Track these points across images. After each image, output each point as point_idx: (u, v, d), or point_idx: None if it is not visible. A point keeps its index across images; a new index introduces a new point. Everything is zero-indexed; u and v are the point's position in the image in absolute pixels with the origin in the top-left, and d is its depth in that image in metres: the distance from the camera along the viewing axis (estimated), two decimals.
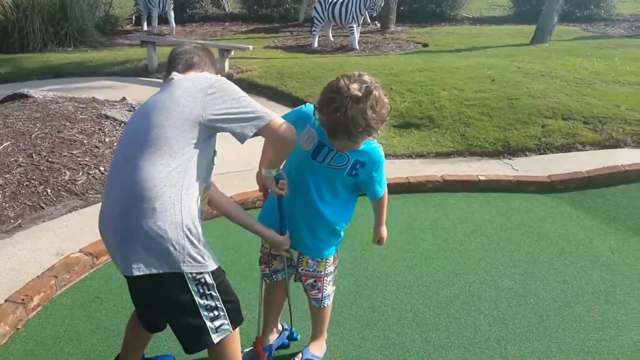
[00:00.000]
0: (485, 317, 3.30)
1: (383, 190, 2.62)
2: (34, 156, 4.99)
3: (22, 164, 4.86)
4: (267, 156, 2.45)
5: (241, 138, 2.15)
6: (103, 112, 6.07)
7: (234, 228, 2.57)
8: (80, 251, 3.72)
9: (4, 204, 4.37)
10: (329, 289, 2.73)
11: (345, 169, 2.45)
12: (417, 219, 4.54)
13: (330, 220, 2.56)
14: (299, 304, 3.09)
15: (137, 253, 2.03)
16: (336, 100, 2.20)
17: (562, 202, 4.90)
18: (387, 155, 5.70)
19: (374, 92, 2.23)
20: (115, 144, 5.48)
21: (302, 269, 2.69)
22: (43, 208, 4.44)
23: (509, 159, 5.85)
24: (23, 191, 4.55)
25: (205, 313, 2.17)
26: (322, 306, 2.76)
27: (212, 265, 2.17)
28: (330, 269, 2.69)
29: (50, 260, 3.65)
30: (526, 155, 5.90)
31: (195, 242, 2.09)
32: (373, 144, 2.47)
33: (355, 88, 2.20)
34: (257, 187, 2.69)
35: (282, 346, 2.98)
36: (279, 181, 2.44)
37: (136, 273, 2.04)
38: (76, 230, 4.10)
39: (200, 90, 2.10)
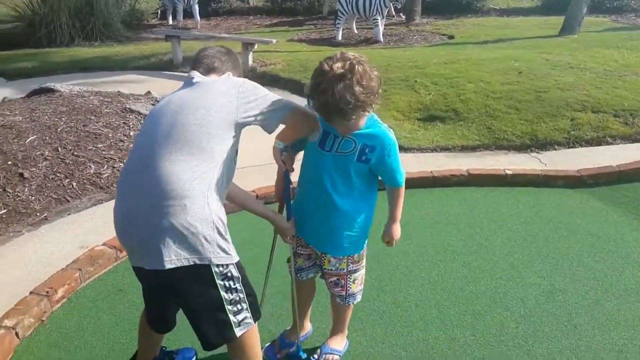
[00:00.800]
0: (511, 314, 3.22)
1: (402, 178, 2.51)
2: (60, 150, 5.03)
3: (47, 157, 4.90)
4: (282, 131, 2.48)
5: (269, 130, 2.29)
6: (128, 106, 6.10)
7: (254, 221, 2.54)
8: (104, 244, 3.74)
9: (30, 197, 4.41)
10: (354, 288, 2.68)
11: (354, 155, 2.39)
12: (442, 213, 4.46)
13: (348, 214, 2.49)
14: (322, 298, 3.06)
15: (169, 247, 2.04)
16: (323, 83, 2.18)
17: (592, 197, 4.78)
18: (411, 149, 5.71)
19: (357, 66, 2.19)
20: None
21: (325, 268, 2.65)
22: (68, 201, 4.48)
23: (537, 152, 5.74)
24: (49, 184, 4.60)
25: (230, 307, 2.18)
26: (346, 304, 2.72)
27: (236, 257, 2.19)
28: (355, 267, 2.63)
29: (75, 253, 3.67)
30: (555, 149, 5.78)
31: (224, 234, 2.12)
32: (382, 127, 2.40)
33: (338, 67, 2.18)
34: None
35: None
36: (282, 153, 2.48)
37: (168, 266, 2.04)
38: (101, 223, 4.12)
39: (231, 91, 2.19)
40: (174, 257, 2.04)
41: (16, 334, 2.84)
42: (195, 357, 2.79)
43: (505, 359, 2.88)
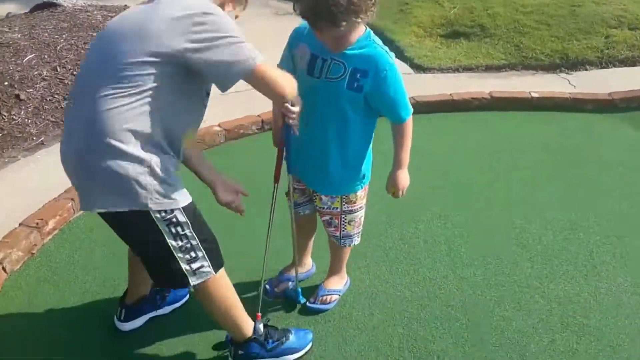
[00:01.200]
0: (527, 252, 3.01)
1: (406, 113, 2.19)
2: (59, 69, 4.79)
3: (46, 77, 4.67)
4: None
5: (222, 88, 1.87)
6: None
7: None
8: None
9: (26, 120, 4.23)
10: (350, 229, 2.47)
11: (343, 81, 2.08)
12: (459, 140, 4.17)
13: (340, 149, 2.24)
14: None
15: (98, 191, 1.86)
16: None
17: (623, 123, 4.43)
18: (430, 69, 5.34)
19: None
20: None
21: (316, 205, 2.44)
22: None
23: (567, 73, 5.33)
24: (46, 107, 4.40)
25: (181, 255, 1.97)
26: (341, 245, 2.53)
27: (184, 201, 1.95)
28: (350, 207, 2.40)
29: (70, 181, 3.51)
30: (586, 70, 5.37)
31: (164, 176, 1.87)
32: (378, 47, 2.08)
33: None
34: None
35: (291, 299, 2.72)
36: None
37: (96, 210, 1.88)
38: None
39: (184, 20, 1.77)
40: (103, 201, 1.86)
41: (3, 268, 2.73)
42: (187, 296, 2.65)
43: (517, 300, 2.70)
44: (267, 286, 2.69)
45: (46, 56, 4.95)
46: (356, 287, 2.76)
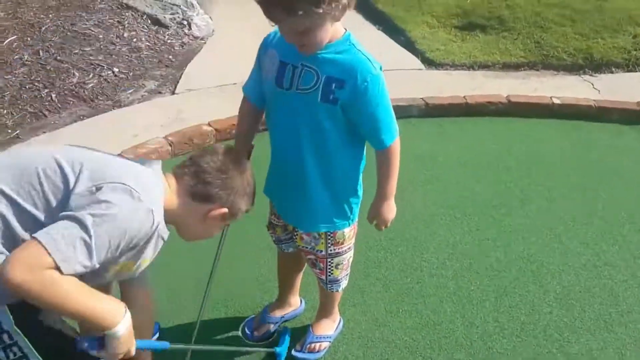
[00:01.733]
0: (545, 293, 2.68)
1: (389, 137, 1.81)
2: (41, 53, 4.43)
3: (27, 62, 4.32)
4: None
5: None
6: (124, 1, 5.38)
7: None
8: None
9: (2, 110, 3.88)
10: (337, 274, 2.12)
11: (317, 92, 1.72)
12: (473, 151, 3.80)
13: (321, 176, 1.87)
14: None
15: None
16: None
17: None
18: (443, 65, 4.95)
19: None
20: (134, 39, 4.85)
21: (297, 244, 2.09)
22: (45, 116, 3.94)
23: (591, 75, 4.92)
24: (25, 95, 4.04)
25: None
26: (328, 290, 2.19)
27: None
28: (337, 249, 2.03)
29: None
30: (611, 72, 4.96)
31: None
32: (359, 53, 1.71)
33: None
34: None
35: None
36: None
37: None
38: None
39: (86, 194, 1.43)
40: None
41: None
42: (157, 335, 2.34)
43: (534, 356, 2.37)
44: (246, 329, 2.37)
45: (29, 38, 4.61)
46: (350, 331, 2.43)
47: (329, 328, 2.35)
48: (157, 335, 2.32)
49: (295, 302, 2.47)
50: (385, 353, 2.35)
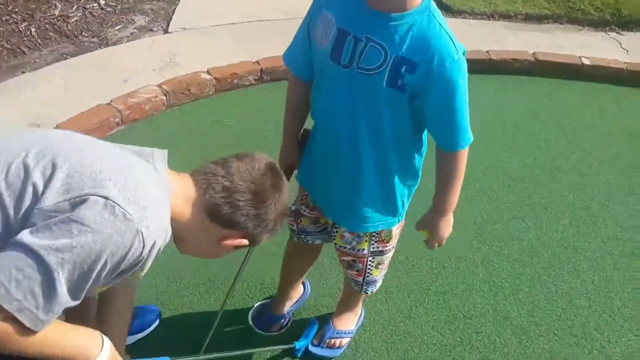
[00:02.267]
0: (582, 283, 2.45)
1: (464, 138, 1.50)
2: None
3: None
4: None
5: None
6: None
7: None
8: (57, 126, 2.87)
9: None
10: (375, 274, 1.84)
11: (383, 74, 1.39)
12: (497, 115, 3.45)
13: (374, 171, 1.58)
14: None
15: None
16: None
17: None
18: (461, 13, 4.57)
19: None
20: None
21: (336, 243, 1.79)
22: (24, 53, 3.51)
23: (617, 32, 4.57)
24: (1, 29, 3.59)
25: None
26: (361, 292, 1.91)
27: None
28: (381, 247, 1.75)
29: None
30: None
31: None
32: (441, 29, 1.37)
33: None
34: None
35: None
36: None
37: None
38: (61, 92, 3.21)
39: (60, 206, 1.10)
40: None
41: None
42: (157, 322, 2.06)
43: (573, 356, 2.15)
44: (255, 326, 2.10)
45: None
46: (371, 323, 2.18)
47: (350, 323, 2.09)
48: (157, 322, 2.05)
49: (299, 291, 2.18)
50: (410, 349, 2.11)
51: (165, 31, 3.87)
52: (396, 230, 1.73)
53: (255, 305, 2.16)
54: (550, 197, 2.88)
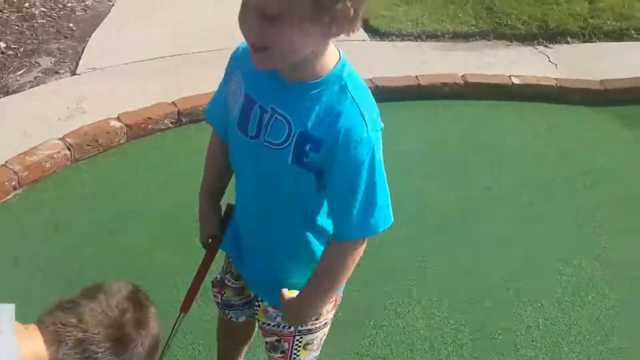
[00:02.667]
0: (525, 330, 2.30)
1: (362, 224, 1.24)
2: None
3: None
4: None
5: None
6: None
7: None
8: None
9: None
10: (304, 356, 1.62)
11: (288, 150, 1.20)
12: (431, 141, 3.32)
13: (292, 245, 1.39)
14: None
15: None
16: None
17: (619, 121, 3.70)
18: (389, 35, 4.46)
19: None
20: (26, 4, 4.04)
21: (258, 319, 1.58)
22: None
23: (545, 46, 4.54)
24: None
25: None
26: None
27: None
28: (309, 324, 1.53)
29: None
30: (567, 42, 4.59)
31: None
32: (354, 102, 1.16)
33: None
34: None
35: None
36: None
37: None
38: None
39: None
40: None
41: None
42: None
43: None
44: None
45: None
46: None
47: None
48: None
49: None
50: None
51: (73, 73, 3.59)
52: (329, 305, 1.52)
53: None
54: (492, 232, 2.75)
